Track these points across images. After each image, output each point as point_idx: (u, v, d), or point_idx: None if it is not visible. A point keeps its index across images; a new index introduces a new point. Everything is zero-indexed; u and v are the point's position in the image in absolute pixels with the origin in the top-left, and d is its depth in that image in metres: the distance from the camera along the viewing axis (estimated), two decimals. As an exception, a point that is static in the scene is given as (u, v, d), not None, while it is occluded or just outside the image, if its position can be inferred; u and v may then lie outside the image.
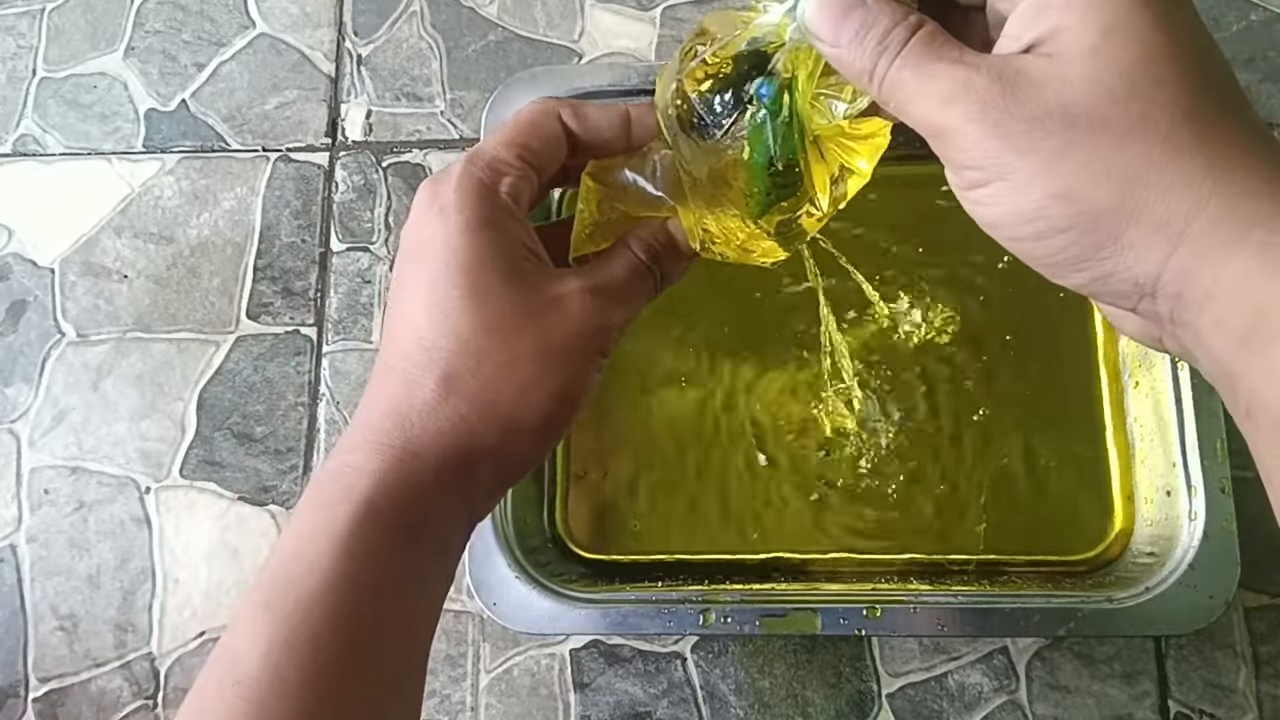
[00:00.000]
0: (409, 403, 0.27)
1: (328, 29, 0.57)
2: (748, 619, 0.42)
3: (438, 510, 0.28)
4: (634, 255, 0.30)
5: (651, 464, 0.49)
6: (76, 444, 0.52)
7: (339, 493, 0.27)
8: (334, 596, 0.26)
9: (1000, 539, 0.47)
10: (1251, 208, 0.21)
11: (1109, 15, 0.21)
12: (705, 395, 0.49)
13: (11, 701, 0.49)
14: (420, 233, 0.28)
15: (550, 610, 0.43)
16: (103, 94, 0.57)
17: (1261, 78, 0.52)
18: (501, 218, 0.28)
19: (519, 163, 0.29)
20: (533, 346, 0.27)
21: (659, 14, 0.56)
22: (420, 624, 0.29)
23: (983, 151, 0.22)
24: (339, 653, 0.25)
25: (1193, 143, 0.21)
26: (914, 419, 0.48)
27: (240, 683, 0.25)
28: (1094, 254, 0.22)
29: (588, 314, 0.28)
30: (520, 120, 0.30)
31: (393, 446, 0.27)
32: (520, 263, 0.28)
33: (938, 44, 0.24)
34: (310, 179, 0.55)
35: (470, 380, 0.27)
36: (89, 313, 0.54)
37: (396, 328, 0.28)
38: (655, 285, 0.31)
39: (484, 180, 0.28)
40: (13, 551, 0.51)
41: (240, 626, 0.26)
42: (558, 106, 0.30)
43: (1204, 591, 0.41)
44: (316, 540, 0.26)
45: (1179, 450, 0.43)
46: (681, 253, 0.31)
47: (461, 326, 0.27)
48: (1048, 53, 0.22)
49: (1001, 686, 0.46)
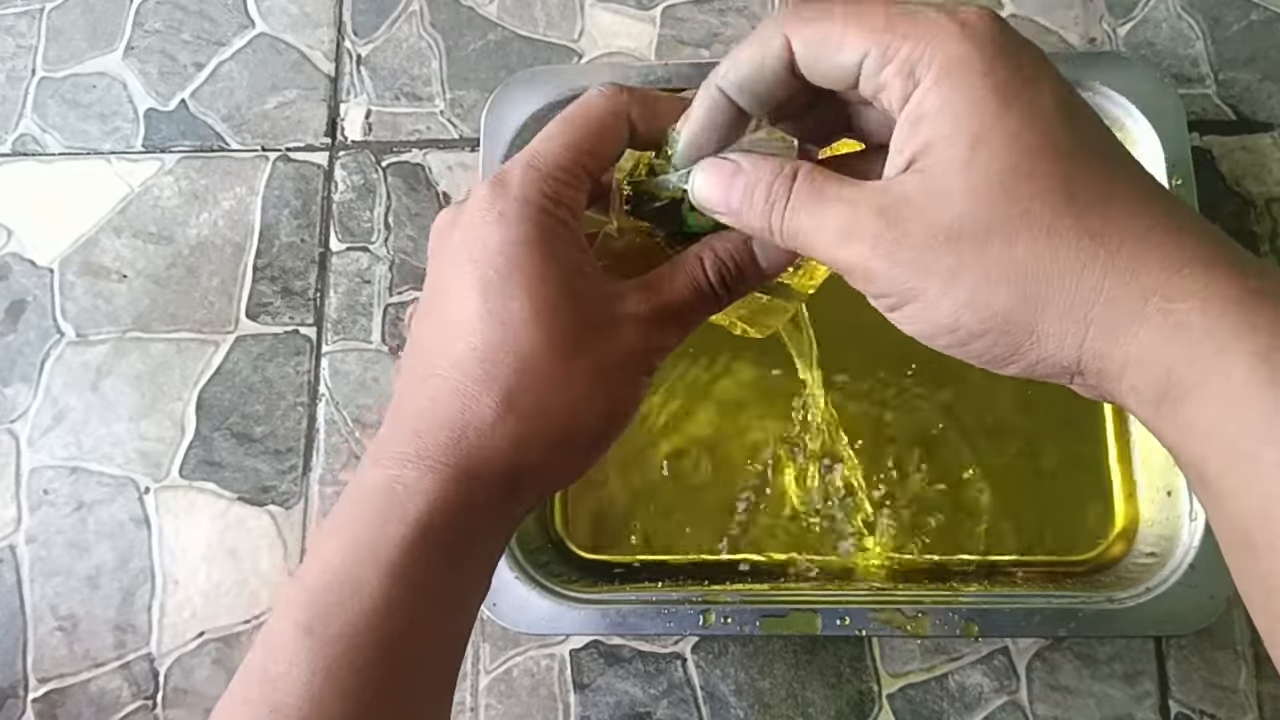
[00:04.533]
0: (464, 419, 0.26)
1: (327, 28, 0.57)
2: (748, 619, 0.42)
3: (485, 529, 0.27)
4: (702, 276, 0.28)
5: (652, 465, 0.49)
6: (76, 444, 0.52)
7: (390, 511, 0.26)
8: (381, 623, 0.25)
9: (1001, 539, 0.47)
10: (1144, 280, 0.21)
11: (975, 124, 0.22)
12: (706, 396, 0.49)
13: (11, 702, 0.49)
14: (477, 234, 0.27)
15: (550, 611, 0.43)
16: (102, 94, 0.57)
17: (1261, 77, 0.52)
18: (560, 231, 0.27)
19: (581, 172, 0.28)
20: (589, 367, 0.27)
21: (659, 14, 0.56)
22: (460, 640, 0.28)
23: (887, 281, 0.23)
24: (382, 681, 0.25)
25: (1076, 230, 0.22)
26: (914, 420, 0.48)
27: (278, 709, 0.24)
28: (1015, 350, 0.23)
29: (644, 337, 0.27)
30: (588, 119, 0.28)
31: (448, 465, 0.26)
32: (579, 279, 0.27)
33: (819, 184, 0.24)
34: (310, 179, 0.55)
35: (527, 398, 0.26)
36: (88, 312, 0.54)
37: (442, 331, 0.27)
38: (720, 306, 0.29)
39: (545, 191, 0.27)
40: (12, 552, 0.51)
41: (278, 646, 0.25)
42: (629, 104, 0.28)
43: (1204, 591, 0.41)
44: (363, 562, 0.25)
45: (1180, 450, 0.43)
46: (763, 275, 0.29)
47: (522, 342, 0.26)
48: (923, 169, 0.23)
49: (1002, 687, 0.46)
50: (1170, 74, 0.48)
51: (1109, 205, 0.22)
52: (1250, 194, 0.51)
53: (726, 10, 0.55)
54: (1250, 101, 0.52)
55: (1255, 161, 0.51)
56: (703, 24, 0.55)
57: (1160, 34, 0.53)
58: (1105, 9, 0.54)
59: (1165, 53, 0.53)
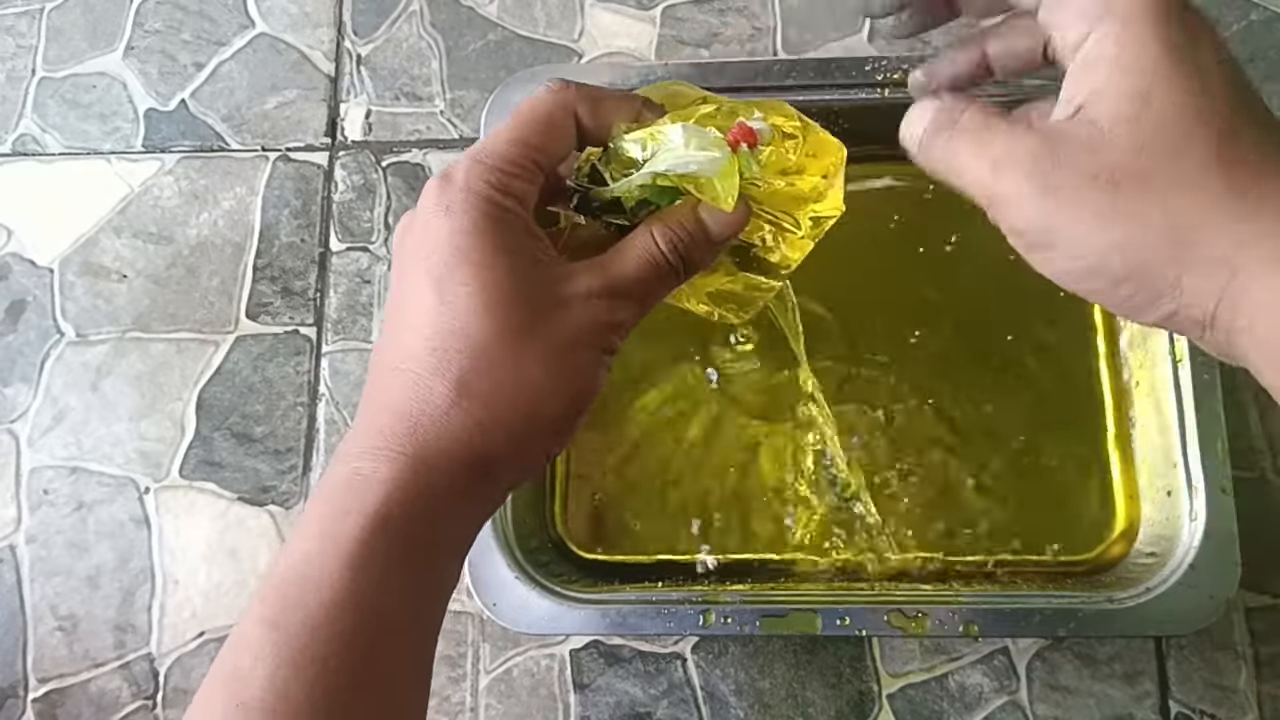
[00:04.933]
0: (419, 407, 0.26)
1: (327, 28, 0.57)
2: (748, 619, 0.42)
3: (450, 516, 0.27)
4: (654, 248, 0.29)
5: (652, 465, 0.49)
6: (76, 444, 0.52)
7: (348, 503, 0.26)
8: (342, 615, 0.25)
9: (1001, 539, 0.47)
10: None
11: (1146, 79, 0.23)
12: (706, 396, 0.49)
13: (11, 702, 0.49)
14: (425, 230, 0.27)
15: (550, 610, 0.43)
16: (102, 94, 0.57)
17: (1262, 77, 0.52)
18: (508, 219, 0.27)
19: (528, 163, 0.28)
20: (541, 349, 0.27)
21: (659, 14, 0.56)
22: (429, 628, 0.28)
23: (1037, 214, 0.24)
24: (347, 672, 0.25)
25: (1229, 188, 0.23)
26: (914, 420, 0.48)
27: (244, 704, 0.24)
28: (1157, 298, 0.24)
29: (596, 314, 0.28)
30: (534, 115, 0.29)
31: (404, 454, 0.26)
32: (528, 264, 0.27)
33: (985, 116, 0.26)
34: (310, 179, 0.55)
35: (481, 383, 0.26)
36: (88, 312, 0.54)
37: (400, 327, 0.28)
38: (678, 278, 0.29)
39: (490, 181, 0.27)
40: (12, 552, 0.51)
41: (245, 643, 0.25)
42: (575, 100, 0.29)
43: (1204, 591, 0.41)
44: (325, 554, 0.25)
45: (1179, 450, 0.43)
46: (713, 240, 0.29)
47: (471, 328, 0.26)
48: (1092, 118, 0.24)
49: (1002, 687, 0.46)
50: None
51: (1261, 166, 0.23)
52: (1250, 194, 0.51)
53: (726, 10, 0.55)
54: None
55: (1255, 161, 0.51)
56: (703, 24, 0.55)
57: (1160, 34, 0.53)
58: (1105, 9, 0.54)
59: (1165, 53, 0.53)
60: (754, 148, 0.28)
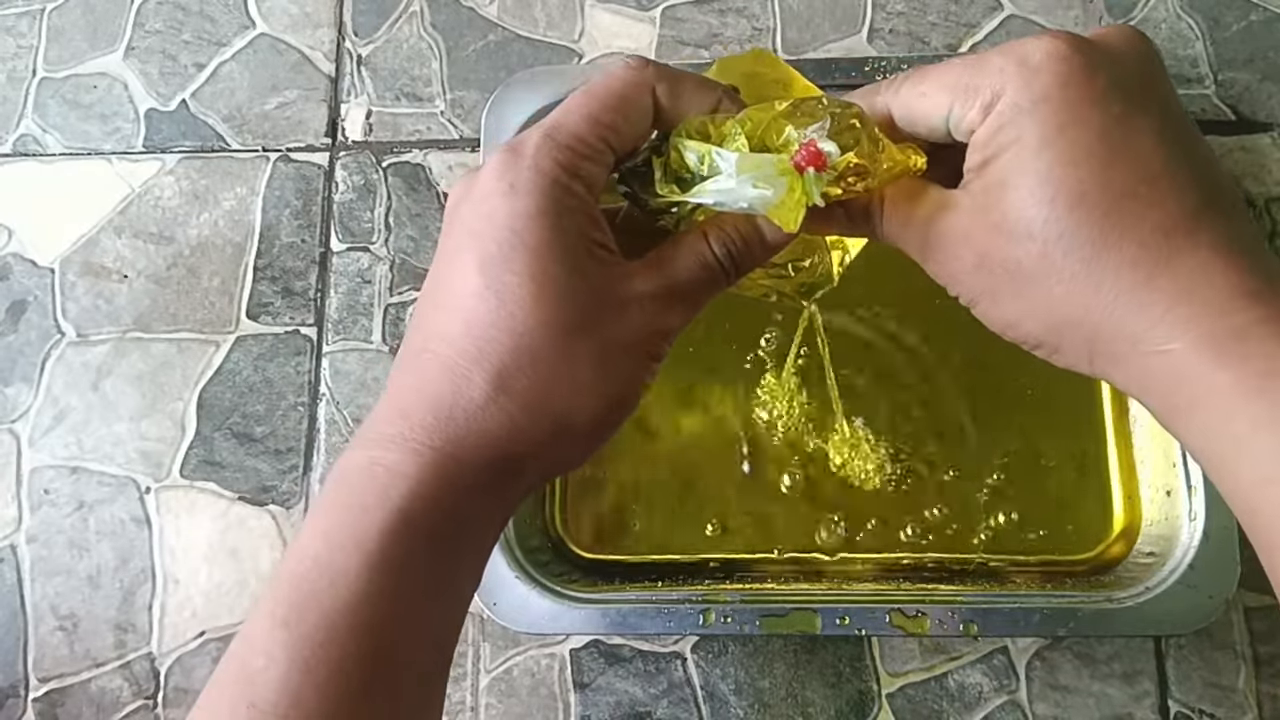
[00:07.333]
0: (454, 399, 0.25)
1: (328, 29, 0.57)
2: (748, 619, 0.42)
3: (475, 514, 0.26)
4: (709, 252, 0.27)
5: (651, 464, 0.49)
6: (76, 444, 0.52)
7: (370, 496, 0.24)
8: (360, 614, 0.24)
9: (1001, 539, 0.47)
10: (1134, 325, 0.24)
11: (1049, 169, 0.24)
12: (706, 397, 0.49)
13: (11, 701, 0.49)
14: (483, 206, 0.26)
15: (550, 610, 0.43)
16: (103, 94, 0.57)
17: (1261, 77, 0.52)
18: (573, 204, 0.26)
19: (601, 144, 0.26)
20: (591, 349, 0.25)
21: (659, 14, 0.56)
22: (449, 630, 0.27)
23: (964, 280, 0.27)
24: (363, 675, 0.24)
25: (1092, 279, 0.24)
26: (914, 420, 0.48)
27: (255, 706, 0.23)
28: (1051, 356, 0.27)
29: (650, 318, 0.26)
30: (611, 91, 0.27)
31: (433, 448, 0.25)
32: (586, 257, 0.26)
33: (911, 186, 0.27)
34: (310, 179, 0.55)
35: (523, 379, 0.25)
36: (89, 313, 0.54)
37: (440, 305, 0.26)
38: (728, 281, 0.28)
39: (560, 161, 0.25)
40: (13, 551, 0.51)
41: (255, 641, 0.24)
42: (654, 78, 0.27)
43: (1204, 591, 0.41)
44: (344, 548, 0.24)
45: (1179, 450, 0.43)
46: (769, 247, 0.28)
47: (518, 319, 0.25)
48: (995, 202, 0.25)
49: (1001, 686, 0.46)
50: (1170, 74, 0.48)
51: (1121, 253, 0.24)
52: (1250, 194, 0.51)
53: (726, 11, 0.55)
54: (1249, 102, 0.52)
55: (1254, 162, 0.51)
56: (703, 24, 0.55)
57: (1160, 34, 0.53)
58: (1105, 9, 0.54)
59: (1165, 53, 0.53)
60: (821, 171, 0.26)
